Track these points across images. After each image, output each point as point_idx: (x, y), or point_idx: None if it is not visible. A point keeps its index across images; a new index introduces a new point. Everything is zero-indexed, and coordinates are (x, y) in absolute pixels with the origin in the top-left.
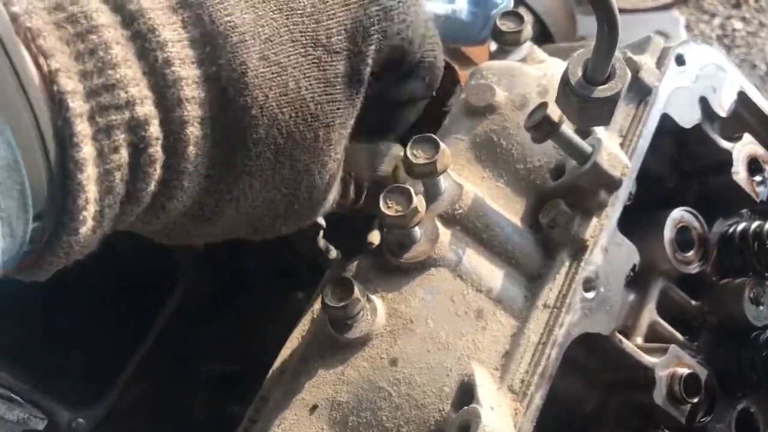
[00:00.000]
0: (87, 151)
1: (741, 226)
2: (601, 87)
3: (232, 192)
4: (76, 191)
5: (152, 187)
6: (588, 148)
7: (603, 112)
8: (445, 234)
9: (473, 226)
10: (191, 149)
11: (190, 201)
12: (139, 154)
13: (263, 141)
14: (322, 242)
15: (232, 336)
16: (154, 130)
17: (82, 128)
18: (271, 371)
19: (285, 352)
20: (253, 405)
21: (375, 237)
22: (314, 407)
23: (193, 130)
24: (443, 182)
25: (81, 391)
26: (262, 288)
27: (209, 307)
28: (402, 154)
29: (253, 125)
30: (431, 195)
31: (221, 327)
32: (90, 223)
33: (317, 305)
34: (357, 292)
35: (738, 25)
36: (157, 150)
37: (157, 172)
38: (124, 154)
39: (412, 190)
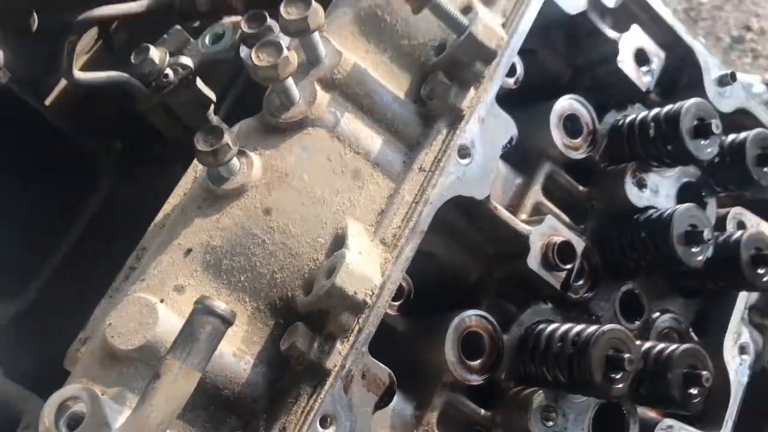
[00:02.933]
0: None
1: (630, 117)
2: None
3: None
4: None
5: None
6: (465, 21)
7: None
8: (323, 96)
9: (353, 92)
10: None
11: None
12: None
13: None
14: (214, 119)
15: None
16: None
17: None
18: (152, 225)
19: (167, 207)
20: (134, 254)
21: None
22: (189, 251)
23: None
24: (323, 48)
25: None
26: None
27: (129, 216)
28: None
29: None
30: (311, 60)
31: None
32: None
33: (200, 166)
34: (227, 137)
35: None
36: None
37: None
38: None
39: (282, 43)
